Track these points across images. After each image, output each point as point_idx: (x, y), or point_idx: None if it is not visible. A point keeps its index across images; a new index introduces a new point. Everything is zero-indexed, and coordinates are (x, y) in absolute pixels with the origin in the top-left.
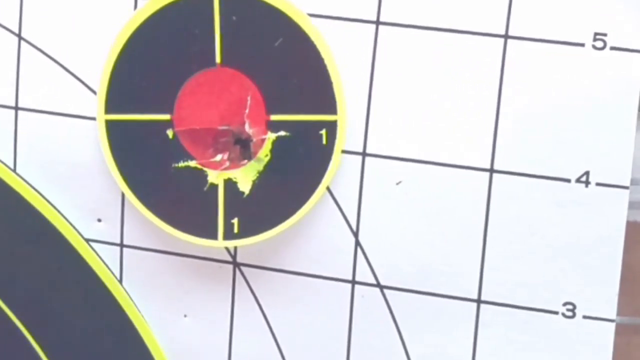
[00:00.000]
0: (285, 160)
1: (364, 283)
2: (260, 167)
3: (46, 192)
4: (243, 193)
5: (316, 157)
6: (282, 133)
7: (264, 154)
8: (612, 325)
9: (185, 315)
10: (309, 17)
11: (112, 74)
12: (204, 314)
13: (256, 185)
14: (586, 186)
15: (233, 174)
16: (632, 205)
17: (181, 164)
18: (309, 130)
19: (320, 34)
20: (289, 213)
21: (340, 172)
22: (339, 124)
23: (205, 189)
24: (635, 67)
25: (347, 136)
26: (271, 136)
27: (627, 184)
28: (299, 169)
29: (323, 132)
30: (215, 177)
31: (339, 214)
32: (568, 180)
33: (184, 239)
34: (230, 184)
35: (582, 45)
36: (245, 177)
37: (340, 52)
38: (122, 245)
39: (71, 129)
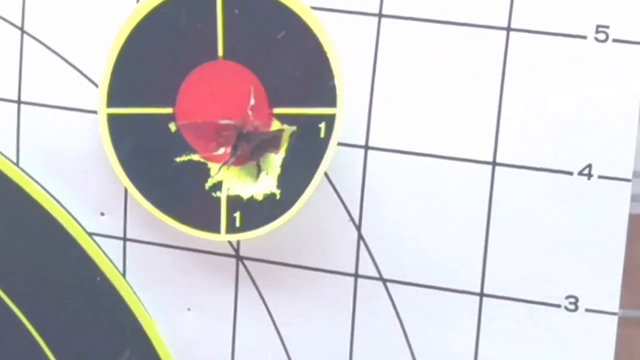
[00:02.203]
0: (286, 153)
1: (367, 276)
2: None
3: (49, 186)
4: (246, 188)
5: (315, 150)
6: (294, 127)
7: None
8: (615, 319)
9: (188, 309)
10: (311, 10)
11: (114, 67)
12: (207, 307)
13: (258, 180)
14: (588, 179)
15: (236, 169)
16: (635, 198)
17: (183, 158)
18: (310, 123)
19: (323, 27)
20: (289, 205)
21: (343, 165)
22: (337, 116)
23: (207, 182)
24: (637, 59)
25: (350, 130)
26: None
27: (630, 176)
28: (298, 162)
29: (322, 125)
30: (217, 170)
31: (341, 207)
32: (570, 173)
33: (186, 232)
34: (232, 178)
35: (585, 37)
36: (247, 172)
37: (343, 45)
38: (125, 239)
39: (74, 123)
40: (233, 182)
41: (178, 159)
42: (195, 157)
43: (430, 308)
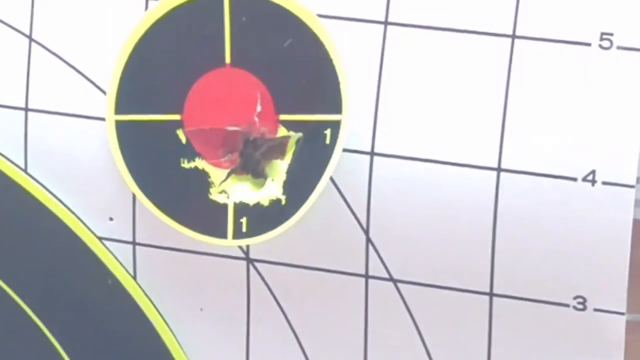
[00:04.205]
0: (292, 160)
1: (377, 277)
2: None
3: (57, 193)
4: (253, 194)
5: (321, 156)
6: (300, 134)
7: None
8: (623, 318)
9: (201, 309)
10: (318, 17)
11: (122, 74)
12: (219, 308)
13: (264, 187)
14: (592, 185)
15: (242, 175)
16: (639, 204)
17: (191, 164)
18: (316, 130)
19: (329, 35)
20: (294, 211)
21: (349, 171)
22: (342, 123)
23: (214, 188)
24: None
25: (356, 136)
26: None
27: (633, 182)
28: (304, 168)
29: (328, 131)
30: (225, 176)
31: (349, 213)
32: (574, 179)
33: (193, 237)
34: (239, 184)
35: (589, 44)
36: (253, 178)
37: (349, 52)
38: (134, 243)
39: (82, 129)
40: (239, 188)
41: (185, 165)
42: (203, 163)
43: (443, 307)
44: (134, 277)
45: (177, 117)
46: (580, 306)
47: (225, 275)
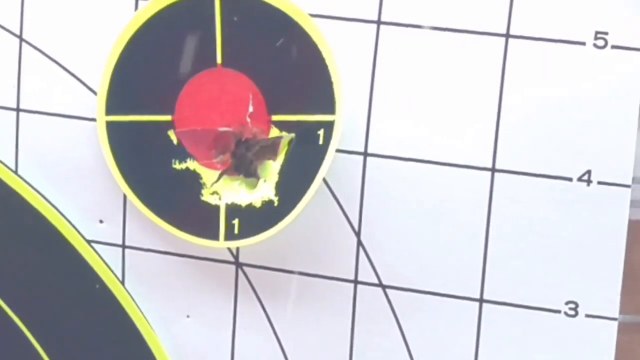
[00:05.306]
0: (285, 160)
1: (366, 283)
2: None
3: (48, 194)
4: (245, 195)
5: (314, 157)
6: (292, 135)
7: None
8: (615, 324)
9: (187, 316)
10: (310, 17)
11: (113, 75)
12: (206, 314)
13: (256, 188)
14: (588, 185)
15: (237, 177)
16: (634, 204)
17: (182, 165)
18: (309, 130)
19: (322, 34)
20: (287, 212)
21: (342, 172)
22: (336, 123)
23: (206, 189)
24: (636, 65)
25: (349, 136)
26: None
27: (629, 182)
28: (297, 168)
29: (321, 132)
30: (217, 177)
31: (341, 214)
32: (570, 179)
33: (185, 239)
34: (231, 185)
35: (584, 44)
36: (246, 179)
37: (342, 52)
38: (124, 246)
39: (73, 130)
40: (231, 189)
41: (177, 166)
42: (194, 164)
43: (430, 314)
44: (122, 281)
45: (168, 117)
46: (572, 312)
47: (213, 280)
